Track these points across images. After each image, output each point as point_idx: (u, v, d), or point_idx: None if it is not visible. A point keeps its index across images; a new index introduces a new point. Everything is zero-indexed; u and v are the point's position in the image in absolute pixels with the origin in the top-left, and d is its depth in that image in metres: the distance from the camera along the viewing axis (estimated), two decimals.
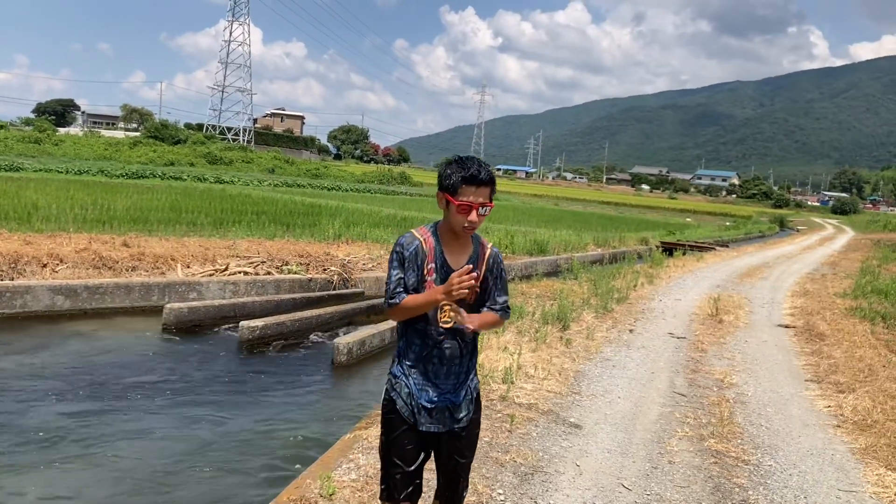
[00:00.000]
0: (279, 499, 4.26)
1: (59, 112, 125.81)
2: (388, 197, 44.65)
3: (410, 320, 3.14)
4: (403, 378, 3.18)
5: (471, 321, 3.04)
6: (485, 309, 3.22)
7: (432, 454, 3.31)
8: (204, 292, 11.69)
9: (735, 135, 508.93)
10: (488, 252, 3.22)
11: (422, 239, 3.14)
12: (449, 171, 3.03)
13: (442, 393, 3.15)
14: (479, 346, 7.43)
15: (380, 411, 3.33)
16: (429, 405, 3.13)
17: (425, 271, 3.10)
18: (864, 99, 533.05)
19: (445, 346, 3.12)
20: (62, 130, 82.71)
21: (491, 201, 3.07)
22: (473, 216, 3.01)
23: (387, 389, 3.26)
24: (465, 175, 2.99)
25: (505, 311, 3.27)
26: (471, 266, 3.00)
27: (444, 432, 3.19)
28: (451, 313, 3.00)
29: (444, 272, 3.10)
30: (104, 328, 9.99)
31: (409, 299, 3.08)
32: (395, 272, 3.11)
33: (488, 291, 3.24)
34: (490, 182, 3.03)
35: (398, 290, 3.08)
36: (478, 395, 3.33)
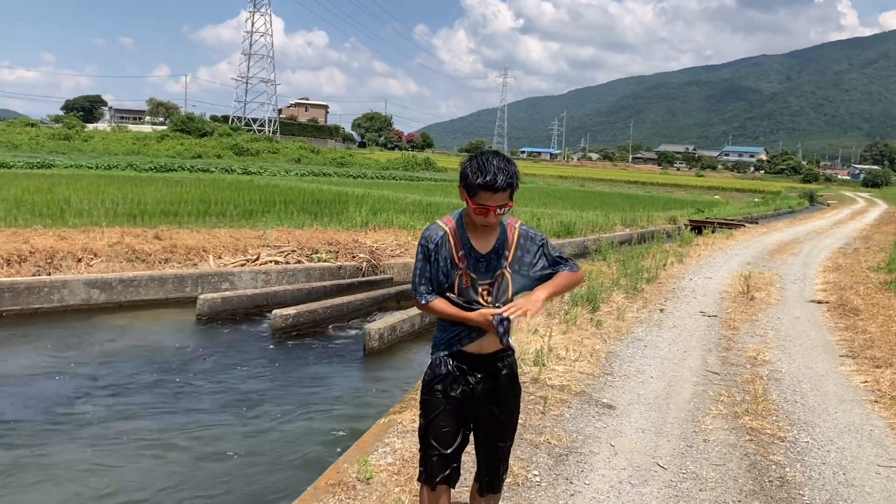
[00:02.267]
0: (317, 483, 4.33)
1: (86, 108, 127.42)
2: (413, 183, 44.70)
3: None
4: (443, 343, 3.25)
5: (528, 308, 3.04)
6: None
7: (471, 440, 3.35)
8: (236, 282, 11.83)
9: (762, 109, 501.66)
10: (516, 232, 3.19)
11: (446, 228, 3.14)
12: (469, 171, 3.00)
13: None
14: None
15: (413, 395, 3.37)
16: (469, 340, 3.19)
17: (456, 258, 3.11)
18: None
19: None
20: (90, 126, 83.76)
21: (511, 201, 3.03)
22: (492, 217, 3.02)
23: (428, 370, 3.29)
24: (481, 182, 2.95)
25: (569, 264, 3.25)
26: (499, 310, 3.04)
27: (484, 398, 3.23)
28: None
29: (473, 258, 3.11)
30: (140, 320, 10.17)
31: (441, 306, 3.14)
32: (418, 265, 3.16)
33: (539, 263, 3.22)
34: (508, 187, 2.98)
35: (421, 286, 3.15)
36: (516, 375, 3.35)
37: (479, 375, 3.23)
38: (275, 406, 7.20)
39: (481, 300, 3.13)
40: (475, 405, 3.25)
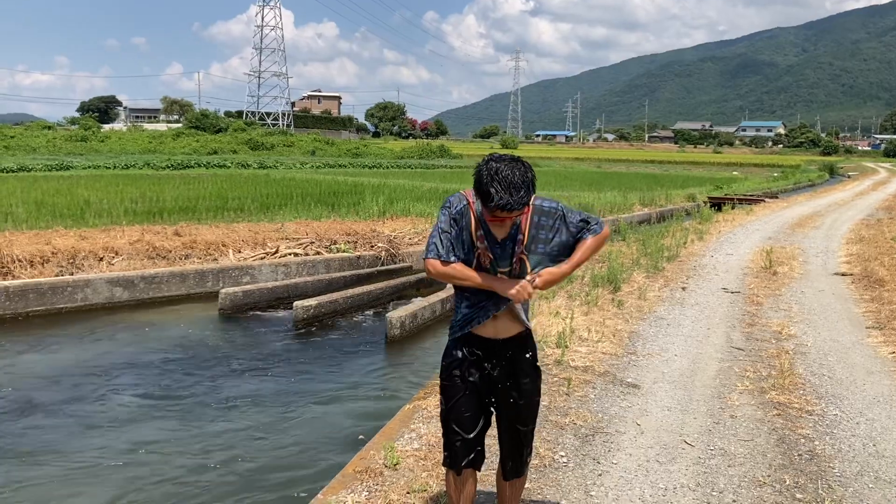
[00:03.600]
0: (345, 470, 4.35)
1: (102, 109, 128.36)
2: (428, 171, 44.68)
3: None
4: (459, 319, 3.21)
5: (545, 280, 3.06)
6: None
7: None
8: (257, 275, 11.89)
9: (778, 83, 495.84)
10: (530, 211, 3.09)
11: (469, 201, 3.08)
12: (484, 185, 2.87)
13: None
14: (531, 312, 7.39)
15: (436, 381, 3.35)
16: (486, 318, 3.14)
17: (475, 238, 3.05)
18: None
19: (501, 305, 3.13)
20: (106, 127, 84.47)
21: (528, 205, 2.98)
22: (506, 223, 3.01)
23: (444, 355, 3.27)
24: (499, 204, 2.86)
25: (591, 228, 3.17)
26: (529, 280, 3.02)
27: (503, 384, 3.20)
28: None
29: (490, 239, 3.06)
30: (163, 316, 10.25)
31: (464, 270, 3.04)
32: (439, 226, 3.07)
33: (561, 237, 3.15)
34: (523, 205, 2.90)
35: (442, 248, 3.03)
36: (535, 358, 3.30)
37: (495, 361, 3.19)
38: (300, 396, 7.24)
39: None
40: (494, 388, 3.23)
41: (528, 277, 3.05)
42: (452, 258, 3.05)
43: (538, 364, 3.33)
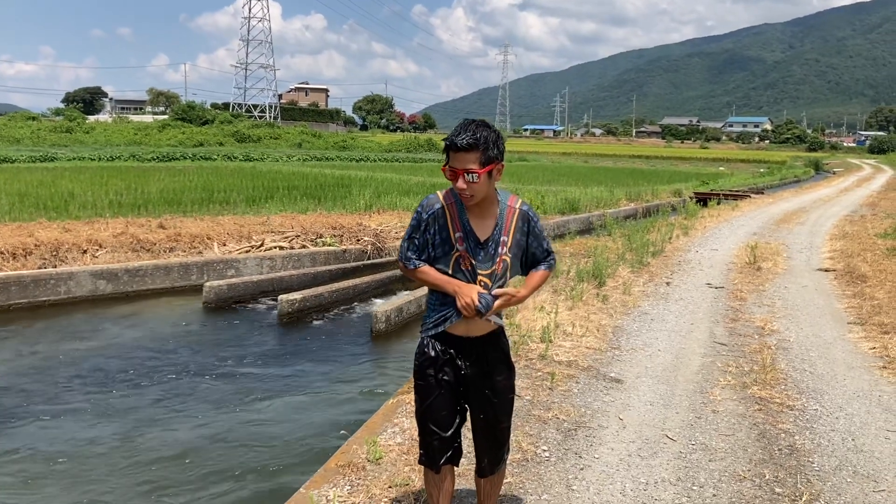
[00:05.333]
0: (327, 465, 4.35)
1: (87, 100, 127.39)
2: (416, 165, 44.57)
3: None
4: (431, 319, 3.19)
5: (500, 303, 3.04)
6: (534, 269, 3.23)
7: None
8: (241, 269, 11.84)
9: (765, 79, 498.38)
10: (516, 214, 3.10)
11: (445, 203, 3.06)
12: (445, 138, 2.99)
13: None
14: (514, 307, 7.39)
15: None
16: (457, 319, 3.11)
17: (454, 239, 3.03)
18: None
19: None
20: (91, 118, 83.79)
21: (484, 167, 2.91)
22: (460, 183, 2.92)
23: (417, 354, 3.25)
24: (447, 142, 2.93)
25: (548, 261, 3.23)
26: (484, 299, 2.98)
27: (477, 385, 3.19)
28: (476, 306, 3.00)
29: (472, 243, 3.04)
30: (147, 309, 10.20)
31: (429, 273, 3.07)
32: (409, 230, 3.10)
33: (527, 252, 3.17)
34: (471, 148, 2.88)
35: (409, 251, 3.09)
36: (507, 355, 3.28)
37: (468, 360, 3.17)
38: (283, 390, 7.23)
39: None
40: (468, 386, 3.20)
41: (484, 300, 3.00)
42: (419, 263, 3.08)
43: (511, 361, 3.31)
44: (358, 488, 4.01)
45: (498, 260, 3.06)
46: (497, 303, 3.03)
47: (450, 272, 3.07)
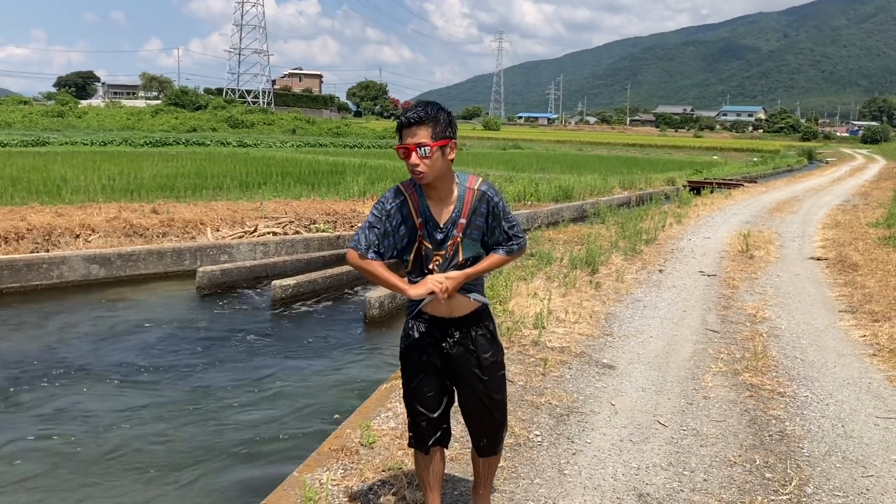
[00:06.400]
0: (321, 449, 4.37)
1: (79, 84, 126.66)
2: None
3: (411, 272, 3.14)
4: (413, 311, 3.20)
5: (450, 288, 3.02)
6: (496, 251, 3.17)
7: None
8: (235, 254, 11.83)
9: (759, 68, 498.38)
10: (474, 196, 3.04)
11: (406, 194, 3.04)
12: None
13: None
14: (509, 292, 7.42)
15: None
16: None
17: (417, 225, 3.03)
18: (895, 23, 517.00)
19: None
20: (84, 103, 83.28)
21: (437, 140, 2.89)
22: (413, 158, 2.89)
23: (402, 337, 3.26)
24: (399, 119, 2.93)
25: (510, 245, 3.15)
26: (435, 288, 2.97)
27: (464, 371, 3.19)
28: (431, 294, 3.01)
29: (430, 227, 3.03)
30: (140, 294, 10.18)
31: (379, 269, 2.99)
32: (369, 220, 3.02)
33: (488, 233, 3.11)
34: (421, 120, 2.87)
35: (363, 242, 2.99)
36: (493, 333, 3.27)
37: (452, 340, 3.17)
38: (277, 375, 7.23)
39: (434, 269, 3.06)
40: (455, 367, 3.20)
41: (438, 280, 3.00)
42: (371, 255, 3.00)
43: (498, 339, 3.31)
44: (351, 472, 4.03)
45: (450, 243, 3.05)
46: (448, 288, 3.00)
47: (411, 259, 3.08)
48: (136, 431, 5.85)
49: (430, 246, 3.04)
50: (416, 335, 3.19)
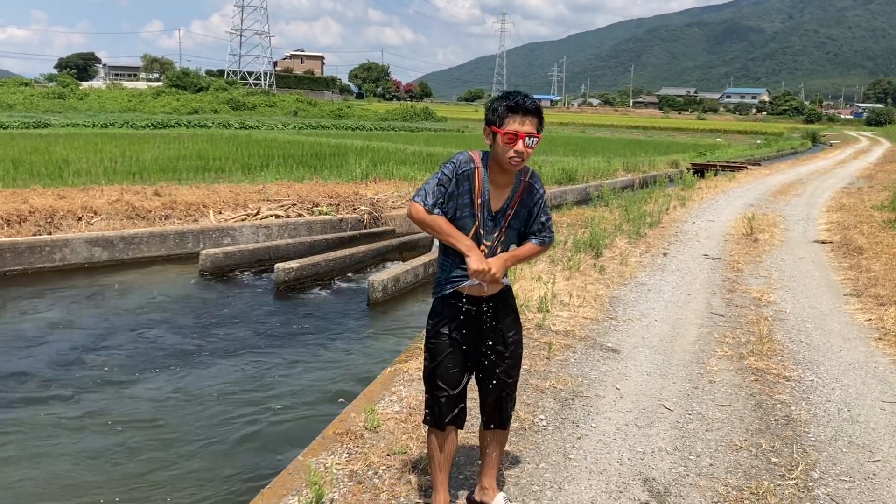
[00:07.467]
0: (325, 433, 4.36)
1: (80, 66, 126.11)
2: (412, 134, 44.32)
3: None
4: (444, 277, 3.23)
5: (496, 275, 3.08)
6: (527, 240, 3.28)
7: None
8: (237, 237, 11.80)
9: (764, 50, 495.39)
10: (524, 186, 3.18)
11: (477, 165, 3.08)
12: (495, 105, 3.02)
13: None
14: (513, 276, 7.38)
15: (418, 345, 3.36)
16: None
17: (476, 205, 3.07)
18: None
19: None
20: (85, 84, 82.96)
21: (539, 133, 3.02)
22: (520, 146, 2.97)
23: (431, 314, 3.30)
24: (510, 104, 2.96)
25: (543, 237, 3.27)
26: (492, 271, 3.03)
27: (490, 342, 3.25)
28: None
29: (487, 210, 3.10)
30: (143, 277, 10.17)
31: (444, 225, 3.03)
32: (436, 178, 3.04)
33: (527, 224, 3.24)
34: (536, 112, 2.99)
35: (430, 198, 3.01)
36: (516, 311, 3.37)
37: (482, 316, 3.23)
38: (280, 359, 7.23)
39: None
40: (479, 345, 3.26)
41: (495, 264, 3.08)
42: (437, 211, 3.02)
43: (520, 318, 3.42)
44: (356, 456, 4.02)
45: (499, 233, 3.15)
46: (498, 265, 3.09)
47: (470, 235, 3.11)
48: (139, 416, 5.85)
49: (483, 232, 3.11)
50: (448, 312, 3.23)
